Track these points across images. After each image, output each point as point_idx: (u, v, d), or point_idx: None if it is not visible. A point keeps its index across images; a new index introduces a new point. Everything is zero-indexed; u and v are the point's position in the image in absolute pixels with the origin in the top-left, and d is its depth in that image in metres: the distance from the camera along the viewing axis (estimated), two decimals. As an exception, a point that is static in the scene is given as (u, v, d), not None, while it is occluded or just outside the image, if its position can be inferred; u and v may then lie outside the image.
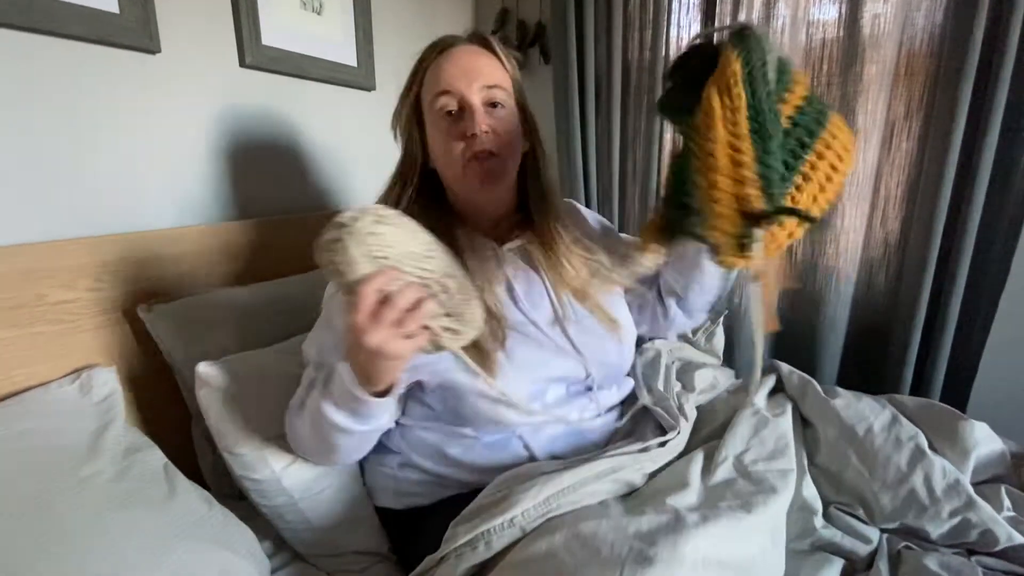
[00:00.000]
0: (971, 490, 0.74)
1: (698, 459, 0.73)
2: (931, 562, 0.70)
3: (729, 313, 1.53)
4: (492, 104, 0.74)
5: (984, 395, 1.26)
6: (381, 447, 0.81)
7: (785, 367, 1.02)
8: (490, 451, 0.75)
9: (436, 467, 0.77)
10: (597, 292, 0.80)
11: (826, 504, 0.79)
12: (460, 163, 0.73)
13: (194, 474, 0.81)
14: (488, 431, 0.75)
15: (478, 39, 0.76)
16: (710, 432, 0.83)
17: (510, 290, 0.77)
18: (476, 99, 0.72)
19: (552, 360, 0.76)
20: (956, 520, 0.72)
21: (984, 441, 0.81)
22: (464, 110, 0.72)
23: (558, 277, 0.79)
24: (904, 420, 0.83)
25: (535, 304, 0.78)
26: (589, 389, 0.81)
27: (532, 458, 0.75)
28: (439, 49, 0.74)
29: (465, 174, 0.73)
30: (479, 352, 0.68)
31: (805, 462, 0.81)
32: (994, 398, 1.26)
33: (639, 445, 0.73)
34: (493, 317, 0.71)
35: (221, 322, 0.91)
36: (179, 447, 0.87)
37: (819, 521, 0.75)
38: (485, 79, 0.73)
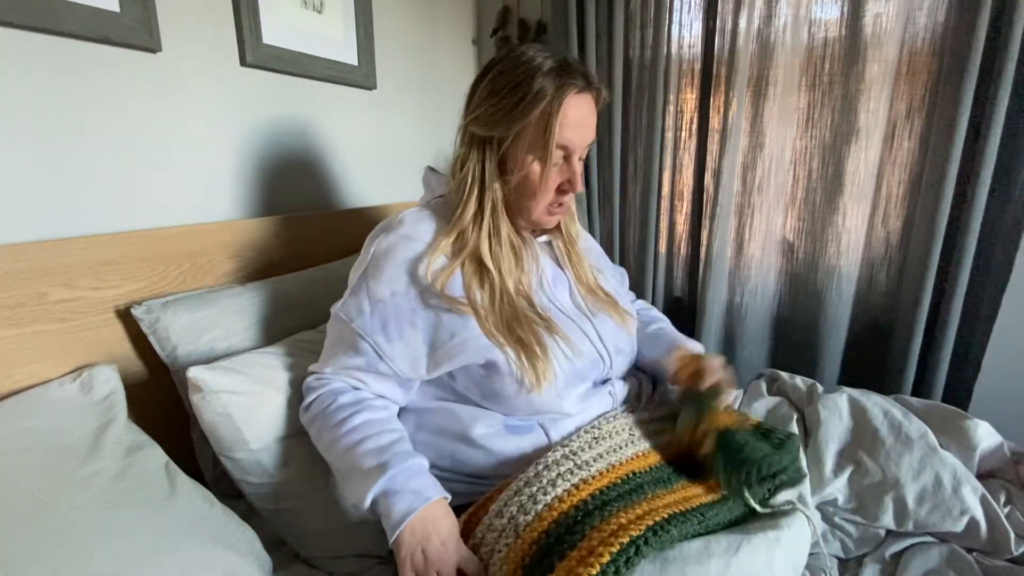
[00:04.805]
0: (983, 490, 0.74)
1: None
2: (932, 562, 0.70)
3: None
4: (580, 158, 0.77)
5: (987, 395, 1.26)
6: None
7: (785, 375, 1.02)
8: (512, 435, 0.76)
9: (455, 455, 0.76)
10: (606, 288, 0.89)
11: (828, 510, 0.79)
12: (545, 203, 0.77)
13: (195, 473, 0.81)
14: (514, 415, 0.76)
15: (599, 92, 0.76)
16: None
17: (540, 278, 0.82)
18: (579, 159, 0.76)
19: (581, 346, 0.78)
20: (966, 519, 0.72)
21: (986, 437, 0.82)
22: (567, 161, 0.75)
23: (578, 273, 0.86)
24: (914, 418, 0.83)
25: (559, 295, 0.83)
26: (605, 382, 0.84)
27: (550, 446, 0.75)
28: (574, 89, 0.71)
29: (543, 212, 0.78)
30: (531, 353, 0.72)
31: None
32: (997, 398, 1.26)
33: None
34: (534, 309, 0.76)
35: (220, 321, 0.91)
36: (179, 446, 0.87)
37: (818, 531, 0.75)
38: (591, 138, 0.77)
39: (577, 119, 0.72)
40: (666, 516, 0.59)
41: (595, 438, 0.72)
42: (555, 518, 0.59)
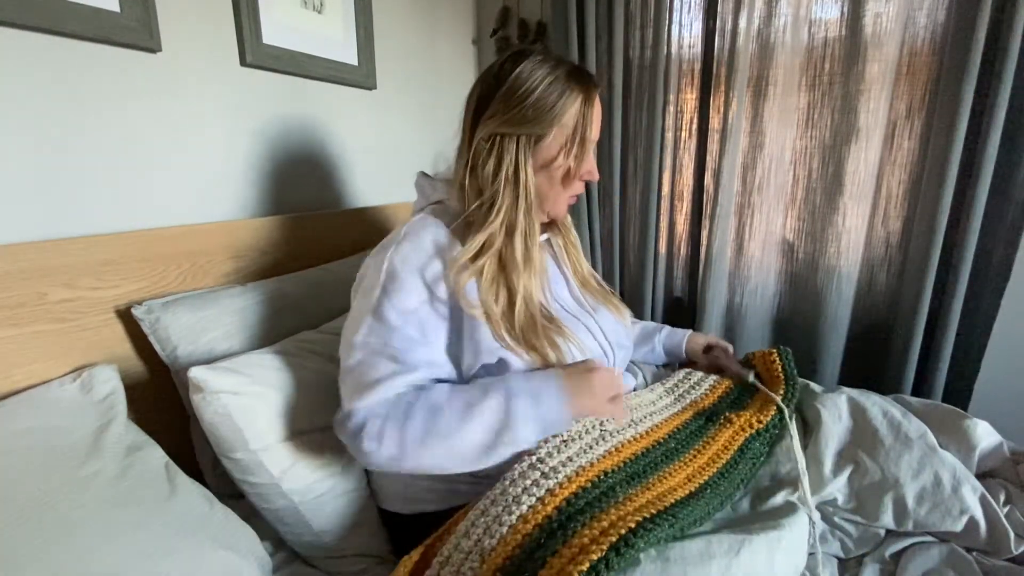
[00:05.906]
0: (983, 490, 0.74)
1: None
2: (931, 561, 0.70)
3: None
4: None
5: (987, 395, 1.26)
6: None
7: None
8: None
9: None
10: (598, 282, 0.92)
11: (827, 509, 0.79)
12: (569, 194, 0.82)
13: (195, 473, 0.81)
14: None
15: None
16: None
17: (546, 280, 0.83)
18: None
19: (587, 344, 0.80)
20: (965, 518, 0.72)
21: (985, 437, 0.82)
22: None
23: (574, 267, 0.90)
24: (913, 417, 0.83)
25: (559, 292, 0.86)
26: None
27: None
28: (595, 89, 0.78)
29: (564, 204, 0.83)
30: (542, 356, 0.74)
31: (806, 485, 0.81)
32: (997, 397, 1.26)
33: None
34: (544, 313, 0.78)
35: (220, 321, 0.91)
36: (179, 446, 0.87)
37: (817, 531, 0.76)
38: None
39: (599, 115, 0.80)
40: (632, 526, 0.56)
41: (564, 441, 0.70)
42: (519, 542, 0.57)
